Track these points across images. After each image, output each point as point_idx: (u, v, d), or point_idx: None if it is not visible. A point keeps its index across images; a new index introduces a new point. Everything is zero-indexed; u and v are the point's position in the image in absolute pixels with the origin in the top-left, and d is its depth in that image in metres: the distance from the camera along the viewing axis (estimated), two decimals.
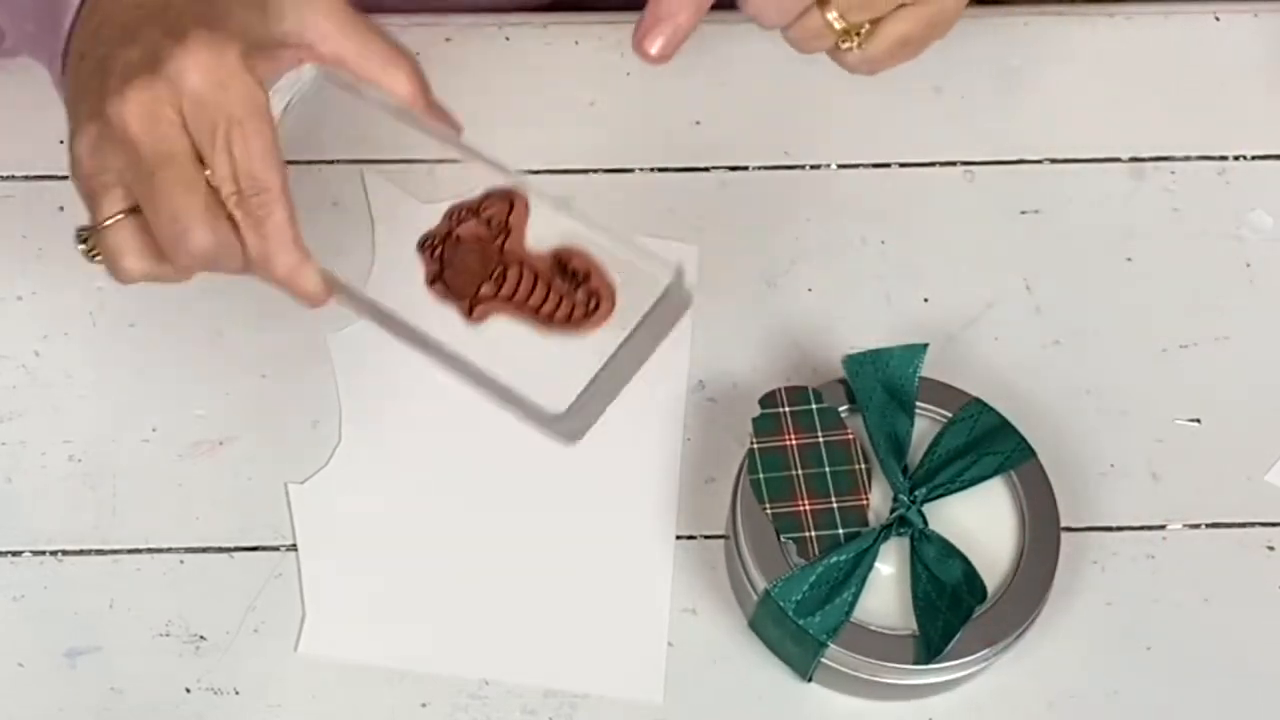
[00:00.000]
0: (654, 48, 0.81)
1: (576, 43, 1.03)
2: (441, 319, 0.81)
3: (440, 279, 0.82)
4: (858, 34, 0.85)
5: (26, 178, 0.98)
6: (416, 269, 0.83)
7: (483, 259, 0.82)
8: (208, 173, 0.76)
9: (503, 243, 0.82)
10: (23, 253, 0.97)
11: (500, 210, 0.82)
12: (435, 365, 0.79)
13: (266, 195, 0.76)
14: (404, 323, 0.79)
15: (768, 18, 0.85)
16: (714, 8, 0.98)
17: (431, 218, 0.84)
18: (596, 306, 0.81)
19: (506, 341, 0.81)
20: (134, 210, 0.77)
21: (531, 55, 1.03)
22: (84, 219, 0.93)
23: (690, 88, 1.02)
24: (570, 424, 0.76)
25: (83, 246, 0.79)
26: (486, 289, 0.82)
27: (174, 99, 0.75)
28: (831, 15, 0.84)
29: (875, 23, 0.85)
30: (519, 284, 0.81)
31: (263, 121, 0.76)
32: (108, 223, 0.77)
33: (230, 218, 0.77)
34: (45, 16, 0.82)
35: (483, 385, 0.77)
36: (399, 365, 0.95)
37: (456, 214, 0.83)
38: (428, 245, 0.83)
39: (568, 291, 0.81)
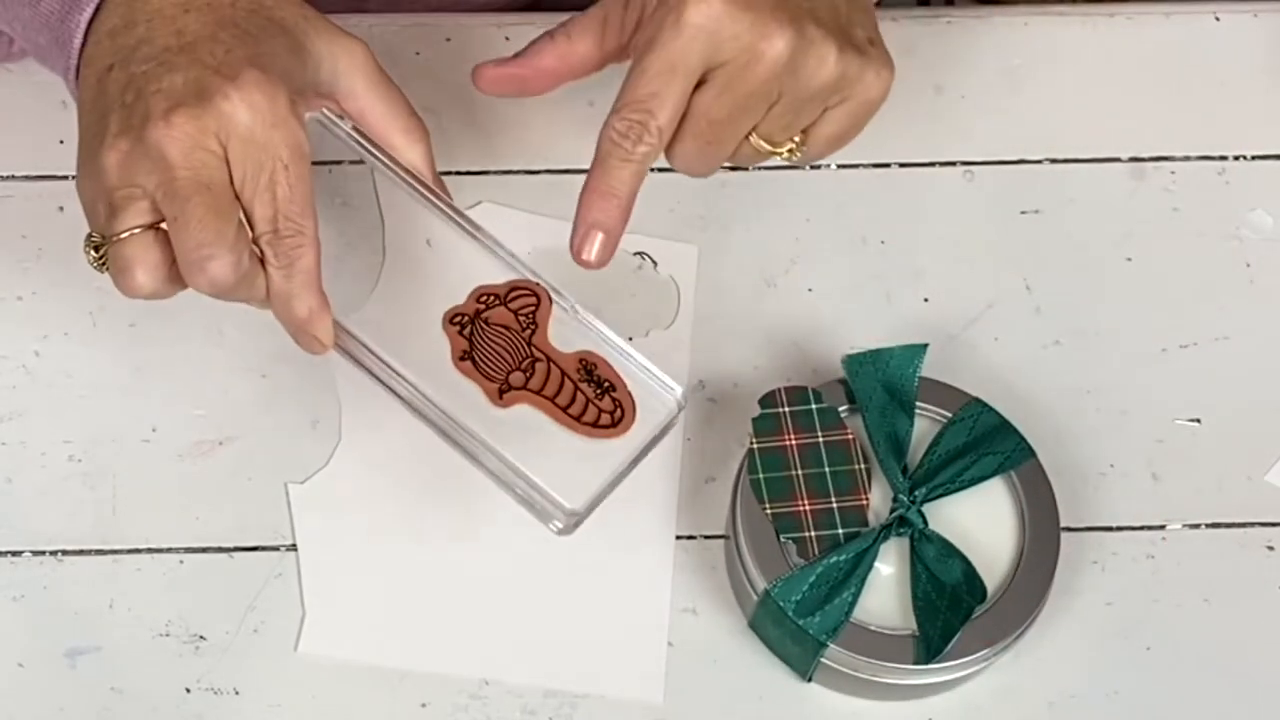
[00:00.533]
0: (591, 255, 0.82)
1: None
2: (465, 396, 0.84)
3: (470, 357, 0.84)
4: (790, 147, 0.85)
5: (26, 178, 0.98)
6: (442, 341, 0.85)
7: (512, 349, 0.85)
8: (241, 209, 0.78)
9: (530, 335, 0.84)
10: (23, 253, 0.97)
11: (528, 304, 0.85)
12: (435, 435, 0.83)
13: (301, 238, 0.79)
14: (412, 388, 0.83)
15: (698, 172, 0.86)
16: None
17: (456, 296, 0.86)
18: (621, 417, 0.84)
19: (525, 431, 0.84)
20: (154, 226, 0.78)
21: None
22: (83, 221, 0.93)
23: None
24: (576, 521, 0.81)
25: (94, 254, 0.80)
26: (516, 378, 0.84)
27: (220, 133, 0.77)
28: (760, 144, 0.84)
29: (805, 130, 0.85)
30: (547, 380, 0.84)
31: (305, 166, 0.79)
32: (125, 234, 0.78)
33: (256, 254, 0.79)
34: (56, 29, 0.83)
35: (500, 466, 0.82)
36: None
37: (485, 298, 0.85)
38: (455, 321, 0.85)
39: (594, 396, 0.84)
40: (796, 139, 0.85)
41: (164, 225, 0.78)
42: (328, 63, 0.83)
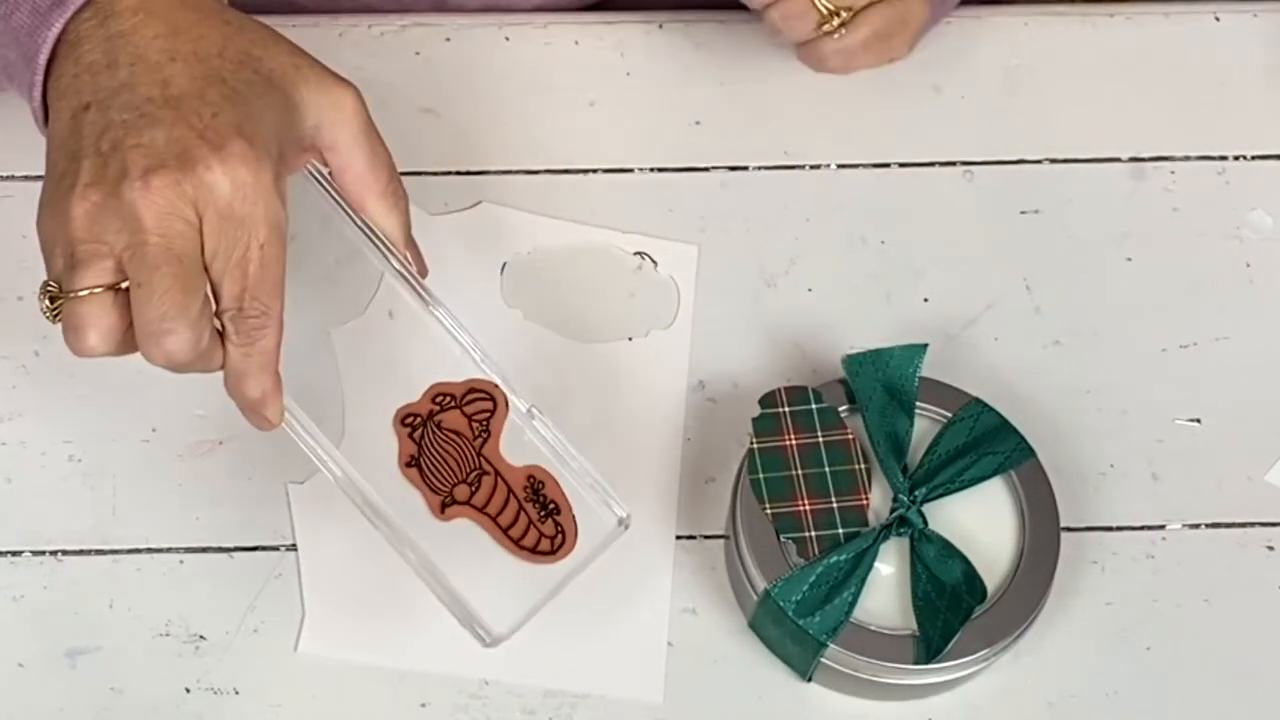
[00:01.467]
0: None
1: (576, 43, 1.03)
2: (406, 501, 0.84)
3: (417, 464, 0.84)
4: (838, 15, 0.87)
5: (26, 178, 0.98)
6: (391, 441, 0.84)
7: (460, 459, 0.84)
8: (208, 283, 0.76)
9: (481, 444, 0.83)
10: (23, 253, 0.97)
11: (484, 409, 0.85)
12: (381, 535, 0.83)
13: (266, 319, 0.77)
14: (355, 486, 0.83)
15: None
16: (715, 6, 0.98)
17: (412, 390, 0.85)
18: (561, 543, 0.84)
19: (462, 543, 0.84)
20: (113, 287, 0.75)
21: (531, 55, 1.03)
22: None
23: (690, 88, 1.02)
24: (501, 640, 0.82)
25: (48, 304, 0.76)
26: (460, 491, 0.84)
27: (198, 203, 0.75)
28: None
29: (855, 14, 0.89)
30: (491, 496, 0.83)
31: (281, 247, 0.76)
32: (84, 293, 0.75)
33: (216, 330, 0.77)
34: (25, 44, 0.81)
35: (429, 575, 0.82)
36: (399, 365, 0.95)
37: (440, 398, 0.85)
38: (407, 422, 0.84)
39: (537, 518, 0.84)
40: (844, 14, 0.88)
41: (125, 287, 0.75)
42: (314, 113, 0.80)
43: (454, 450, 0.84)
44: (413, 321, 0.86)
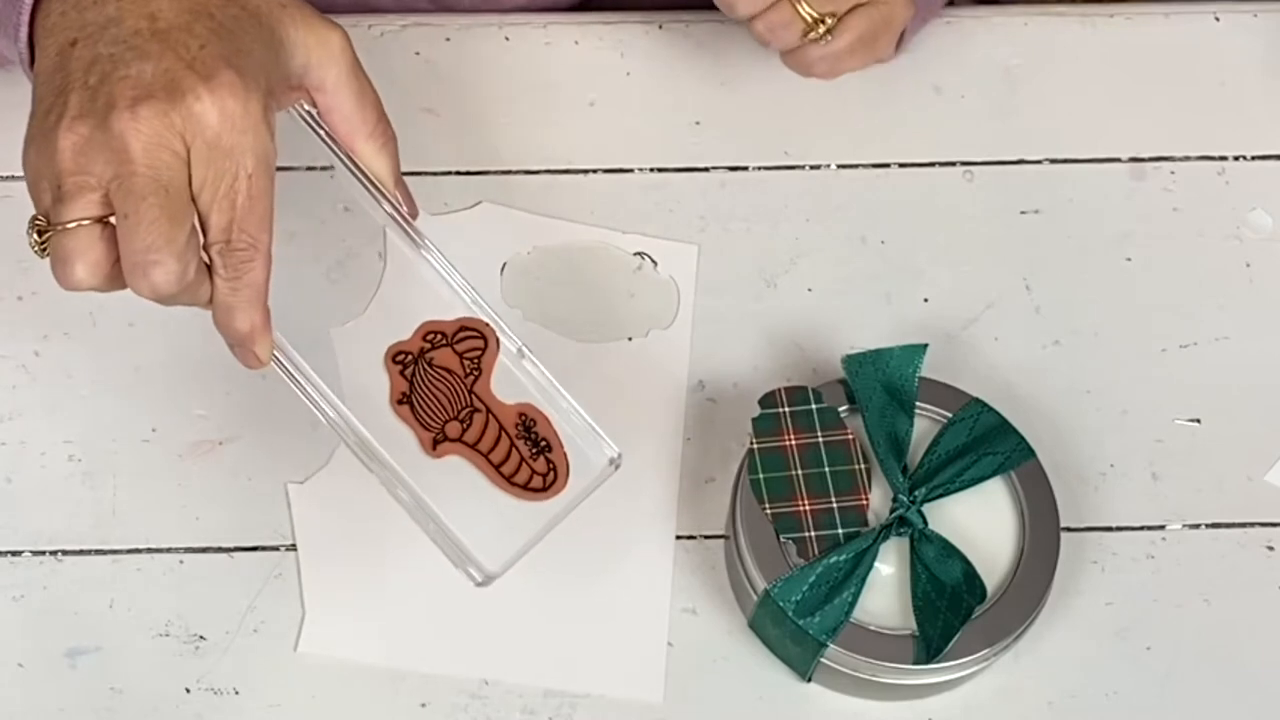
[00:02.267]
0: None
1: (576, 43, 1.03)
2: (398, 439, 0.83)
3: (409, 401, 0.84)
4: (823, 23, 0.88)
5: None
6: (383, 379, 0.84)
7: (452, 396, 0.84)
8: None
9: (473, 382, 0.83)
10: (23, 253, 0.97)
11: (475, 347, 0.84)
12: (375, 476, 0.82)
13: (253, 251, 0.76)
14: (348, 425, 0.82)
15: (740, 7, 0.87)
16: (715, 7, 0.98)
17: (403, 329, 0.85)
18: (553, 481, 0.83)
19: (454, 480, 0.83)
20: (102, 220, 0.75)
21: (531, 55, 1.03)
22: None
23: (690, 88, 1.02)
24: (493, 579, 0.82)
25: (36, 238, 0.76)
26: (452, 428, 0.84)
27: (186, 134, 0.75)
28: (802, 8, 0.88)
29: (839, 19, 0.90)
30: (483, 434, 0.83)
31: (269, 180, 0.76)
32: (71, 225, 0.75)
33: (204, 262, 0.76)
34: None
35: (422, 515, 0.81)
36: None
37: (432, 336, 0.85)
38: (398, 360, 0.84)
39: (529, 455, 0.84)
40: (829, 20, 0.89)
41: (112, 220, 0.75)
42: (301, 52, 0.80)
43: (445, 388, 0.84)
44: (403, 262, 0.86)
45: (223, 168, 0.75)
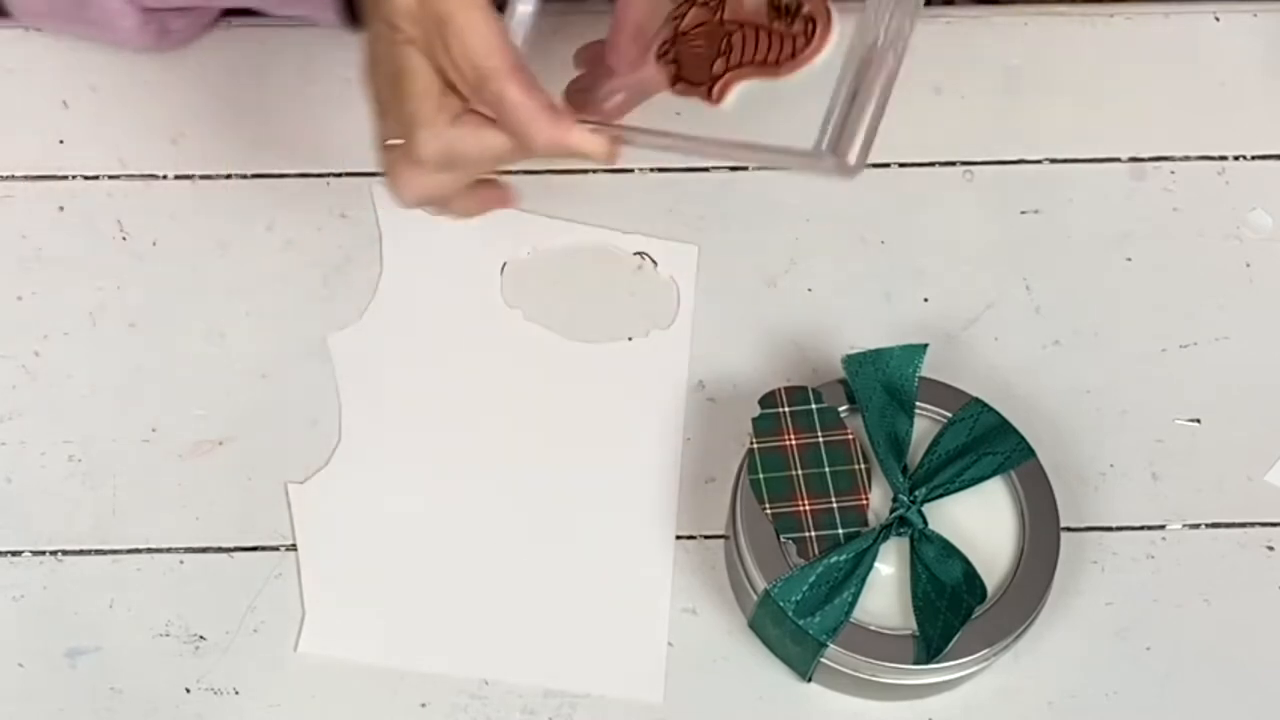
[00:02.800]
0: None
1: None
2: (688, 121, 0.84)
3: (680, 78, 0.86)
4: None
5: (26, 178, 0.98)
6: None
7: (709, 39, 0.85)
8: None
9: (722, 14, 0.85)
10: (23, 253, 0.97)
11: None
12: (697, 155, 0.84)
13: (494, 78, 0.78)
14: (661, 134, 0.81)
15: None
16: None
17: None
18: (814, 30, 0.84)
19: (750, 109, 0.85)
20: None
21: (531, 55, 1.02)
22: (82, 221, 0.94)
23: None
24: (859, 168, 0.79)
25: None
26: (718, 66, 0.85)
27: (391, 19, 0.78)
28: None
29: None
30: (743, 47, 0.85)
31: (474, 11, 0.77)
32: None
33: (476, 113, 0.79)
34: None
35: (756, 154, 0.80)
36: (399, 364, 0.95)
37: (678, 11, 0.87)
38: (660, 53, 0.87)
39: (786, 30, 0.84)
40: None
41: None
42: None
43: (702, 40, 0.86)
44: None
45: (425, 30, 0.78)
